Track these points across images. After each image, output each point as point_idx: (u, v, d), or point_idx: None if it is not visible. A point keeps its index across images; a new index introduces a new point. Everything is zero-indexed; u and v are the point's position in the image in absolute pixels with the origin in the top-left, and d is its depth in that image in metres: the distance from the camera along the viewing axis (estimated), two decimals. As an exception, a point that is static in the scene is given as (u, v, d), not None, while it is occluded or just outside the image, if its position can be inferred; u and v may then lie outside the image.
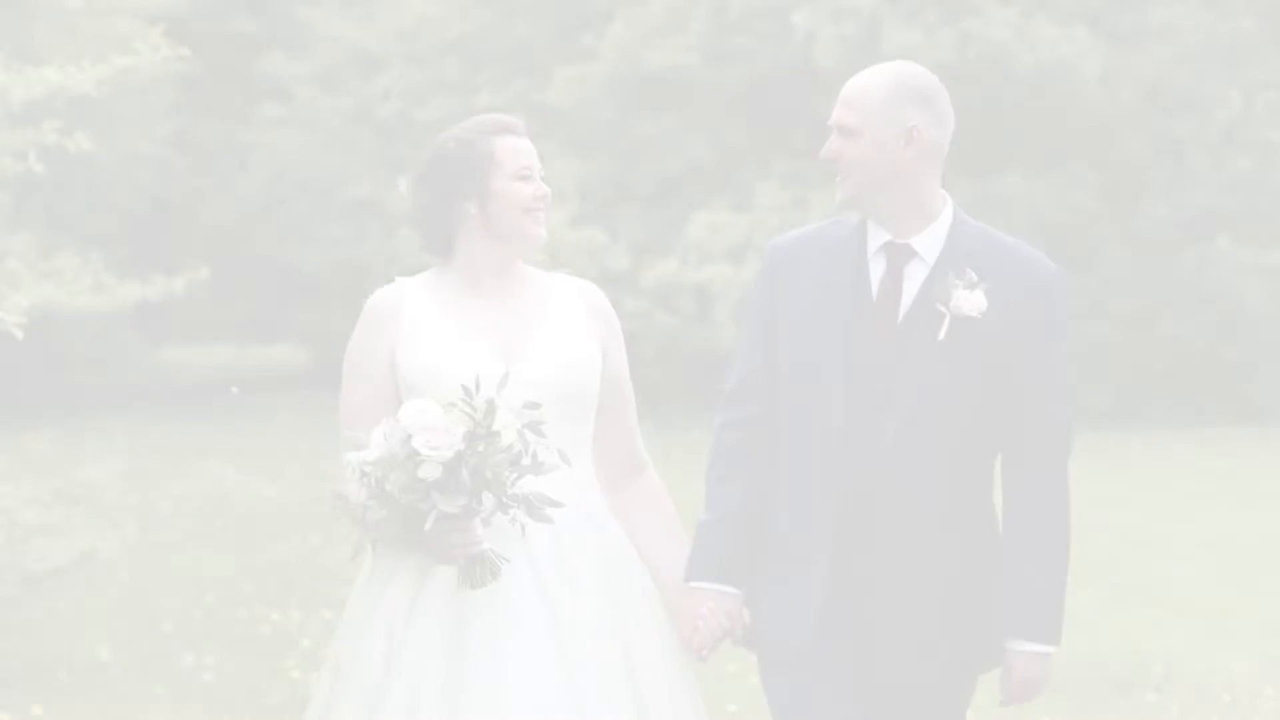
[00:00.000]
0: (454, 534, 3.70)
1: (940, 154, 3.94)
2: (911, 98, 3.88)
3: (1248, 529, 11.76)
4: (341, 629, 3.99)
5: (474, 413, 3.67)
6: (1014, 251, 3.93)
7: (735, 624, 4.00)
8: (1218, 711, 6.95)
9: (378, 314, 4.05)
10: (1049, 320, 3.87)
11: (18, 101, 7.72)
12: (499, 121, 4.12)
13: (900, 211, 3.91)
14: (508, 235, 4.05)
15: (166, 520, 12.87)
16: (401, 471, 3.62)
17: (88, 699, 7.88)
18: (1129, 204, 19.85)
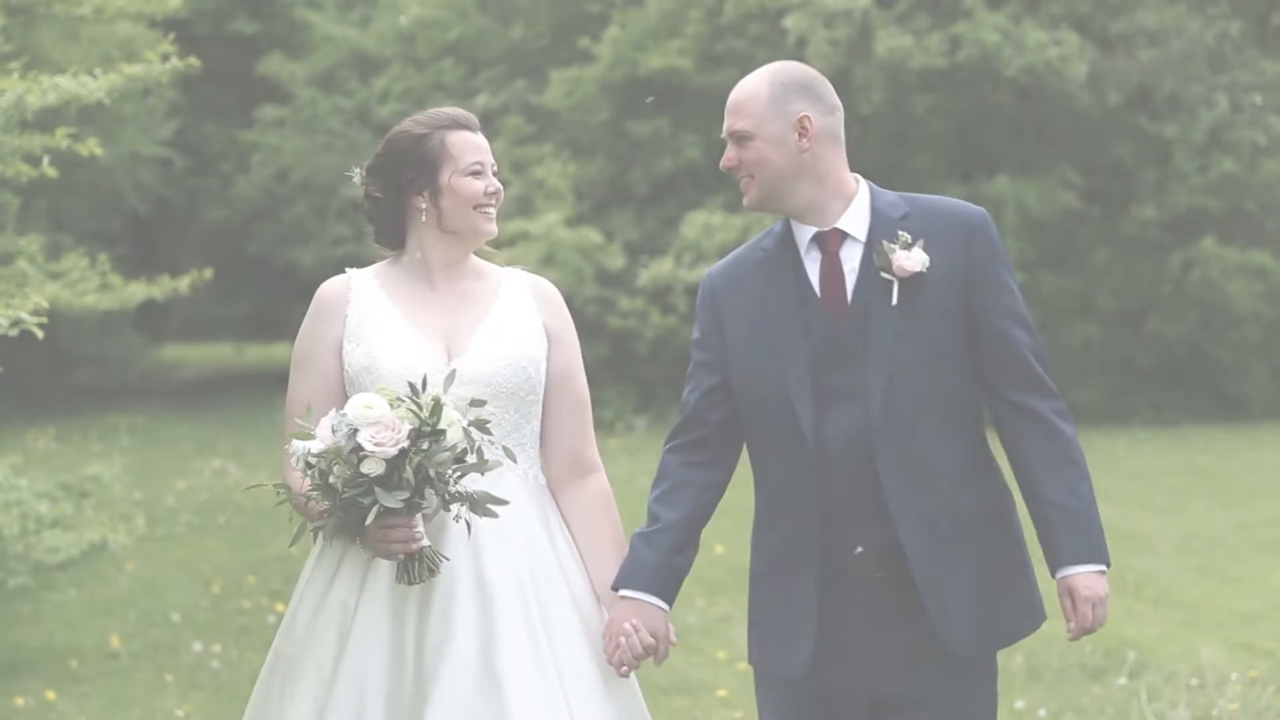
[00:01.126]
0: (395, 529, 3.65)
1: (837, 138, 3.90)
2: (793, 91, 3.87)
3: (1225, 524, 11.87)
4: (289, 621, 3.91)
5: (420, 410, 3.63)
6: (938, 205, 3.93)
7: (661, 643, 3.91)
8: (1185, 696, 7.07)
9: (325, 304, 4.01)
10: (989, 257, 3.84)
11: (32, 108, 7.85)
12: (453, 116, 4.06)
13: (814, 201, 3.88)
14: (458, 230, 3.99)
15: (171, 515, 12.93)
16: (345, 465, 3.58)
17: (99, 685, 7.92)
18: (1116, 205, 19.98)
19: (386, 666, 3.75)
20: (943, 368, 3.81)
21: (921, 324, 3.80)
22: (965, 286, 3.82)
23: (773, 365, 3.87)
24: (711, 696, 7.48)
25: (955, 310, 3.81)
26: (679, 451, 3.98)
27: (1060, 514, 3.75)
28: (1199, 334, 19.74)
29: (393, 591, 3.79)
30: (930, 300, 3.80)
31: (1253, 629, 8.53)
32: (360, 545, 3.73)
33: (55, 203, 20.35)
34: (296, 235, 23.81)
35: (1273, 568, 10.16)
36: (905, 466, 3.78)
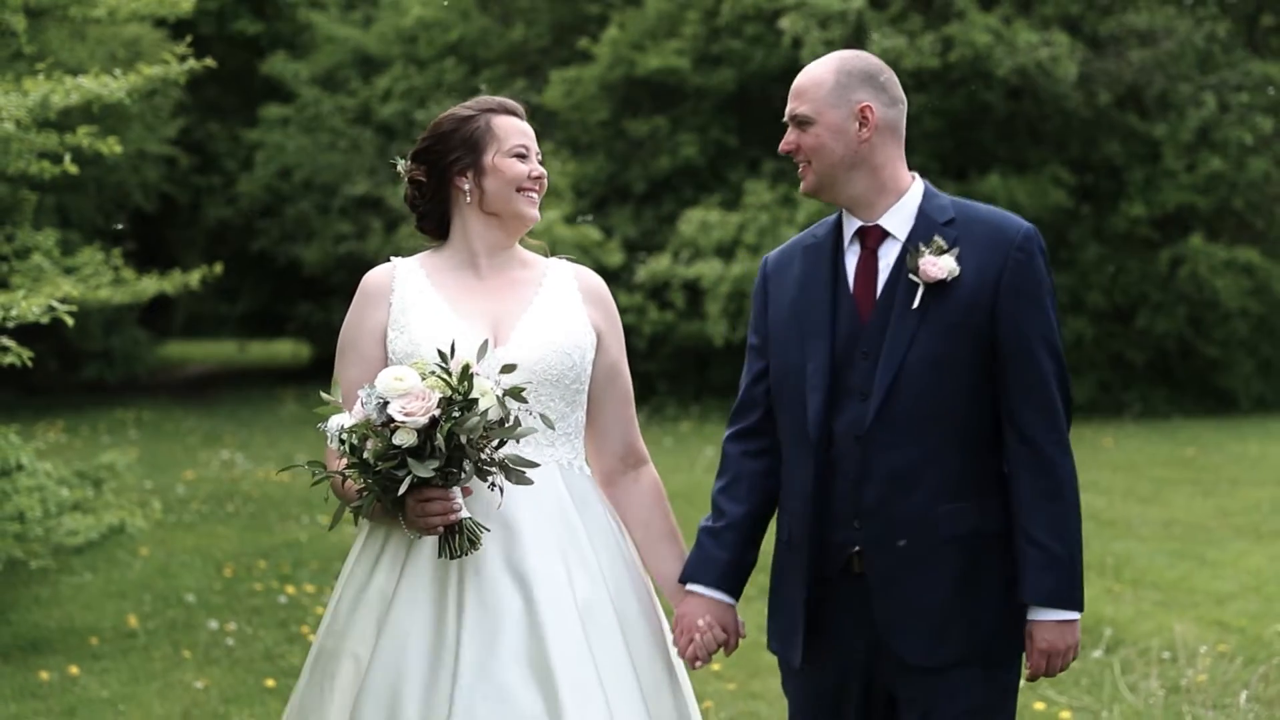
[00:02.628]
0: (433, 502, 3.59)
1: (897, 132, 3.85)
2: (860, 80, 3.82)
3: (1205, 511, 12.12)
4: (330, 617, 3.87)
5: (449, 378, 3.58)
6: (986, 215, 3.83)
7: (731, 637, 3.94)
8: (1157, 669, 7.38)
9: (370, 293, 3.96)
10: (1026, 278, 3.74)
11: (56, 108, 8.12)
12: (499, 102, 4.03)
13: (865, 194, 3.84)
14: (500, 212, 3.93)
15: (181, 503, 13.14)
16: (378, 438, 3.54)
17: (119, 662, 8.12)
18: (1106, 203, 20.18)
19: (425, 653, 3.68)
20: (948, 379, 3.73)
21: (937, 332, 3.73)
22: (993, 304, 3.73)
23: (799, 354, 3.86)
24: (706, 670, 7.76)
25: (975, 325, 3.72)
26: (737, 440, 3.99)
27: (1038, 552, 3.68)
28: (1187, 329, 19.92)
29: (432, 579, 3.73)
30: (951, 310, 3.73)
31: (1225, 608, 8.80)
32: (405, 525, 3.66)
33: (62, 200, 20.58)
34: (300, 233, 24.04)
35: (1248, 551, 10.43)
36: (890, 472, 3.73)
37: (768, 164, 20.27)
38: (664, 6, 20.69)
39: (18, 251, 9.96)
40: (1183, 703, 6.92)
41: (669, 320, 19.56)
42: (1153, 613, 8.71)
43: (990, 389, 3.76)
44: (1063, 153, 20.12)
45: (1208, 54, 20.02)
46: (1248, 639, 8.04)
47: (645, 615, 3.91)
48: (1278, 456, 15.28)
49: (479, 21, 22.76)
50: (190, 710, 7.30)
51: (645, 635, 3.88)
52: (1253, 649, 7.80)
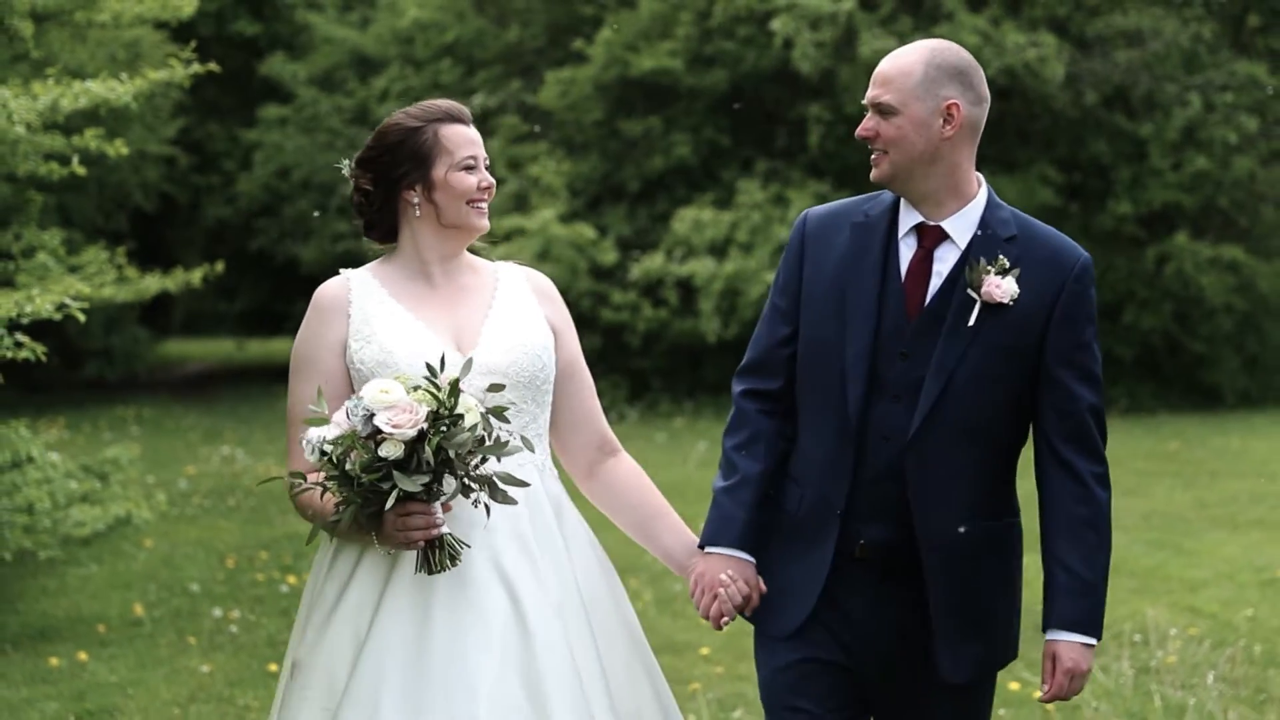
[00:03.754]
0: (414, 516, 3.55)
1: (976, 132, 3.77)
2: (948, 74, 3.72)
3: (1184, 503, 12.37)
4: (301, 628, 3.84)
5: (438, 393, 3.53)
6: (1047, 238, 3.77)
7: (754, 592, 3.89)
8: (1129, 651, 7.67)
9: (327, 306, 3.89)
10: (1079, 310, 3.72)
11: (64, 112, 8.36)
12: (445, 109, 3.94)
13: (935, 192, 3.76)
14: (453, 224, 3.89)
15: (183, 498, 13.35)
16: (362, 450, 3.49)
17: (126, 648, 8.33)
18: (1094, 201, 20.37)
19: (406, 668, 3.63)
20: (994, 399, 3.71)
21: (988, 352, 3.70)
22: (1044, 331, 3.71)
23: (837, 333, 3.80)
24: (695, 654, 8.00)
25: (1025, 350, 3.71)
26: (755, 398, 3.92)
27: (1070, 579, 3.70)
28: (1174, 326, 20.10)
29: (415, 593, 3.68)
30: (1005, 332, 3.70)
31: (1197, 594, 9.07)
32: (376, 541, 3.62)
33: (64, 200, 20.75)
34: (298, 232, 24.22)
35: (1224, 541, 10.69)
36: (929, 482, 3.73)
37: (760, 163, 20.42)
38: (657, 8, 20.83)
39: (24, 251, 10.19)
40: (1151, 682, 7.19)
41: (662, 318, 19.71)
42: (1127, 599, 8.94)
43: (1025, 411, 3.76)
44: (1051, 152, 20.30)
45: (1193, 54, 20.19)
46: (1218, 623, 8.31)
47: (621, 616, 3.93)
48: (1259, 450, 15.53)
49: (475, 23, 22.92)
50: (196, 693, 7.52)
51: (621, 636, 3.90)
52: (1222, 633, 8.07)
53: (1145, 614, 8.44)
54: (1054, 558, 3.73)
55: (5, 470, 8.68)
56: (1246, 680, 7.17)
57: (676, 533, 4.03)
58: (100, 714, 7.24)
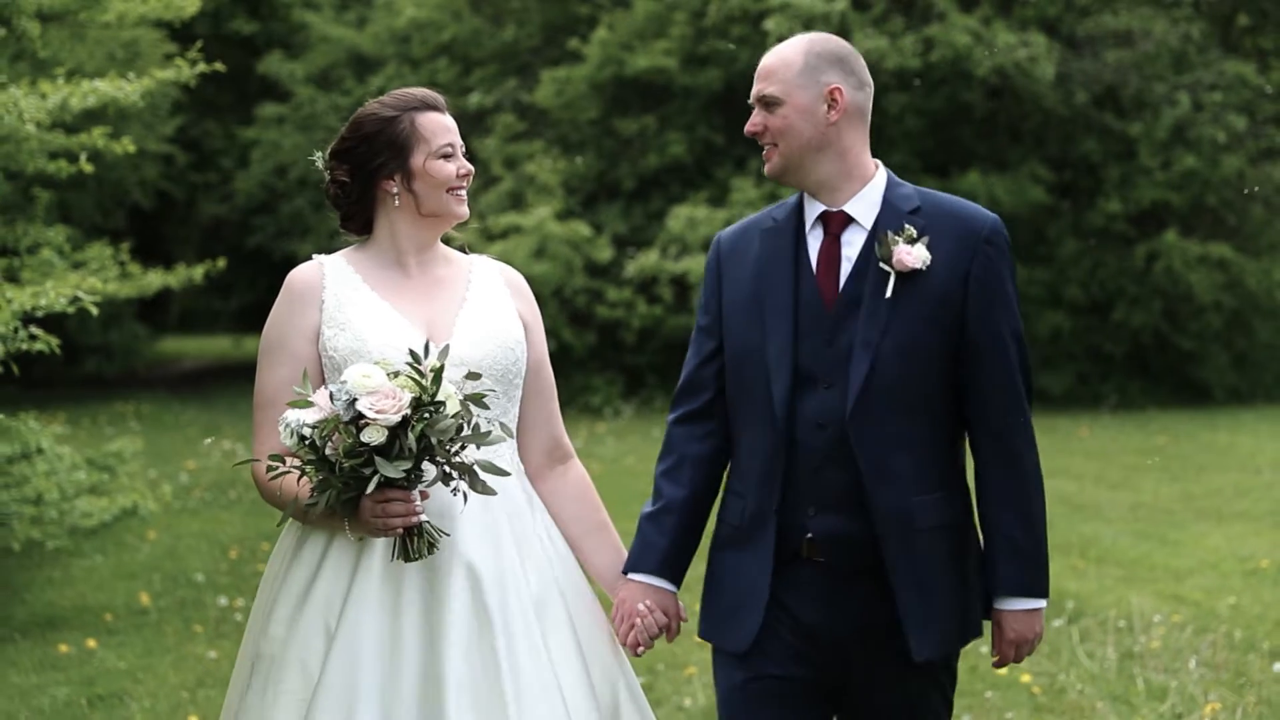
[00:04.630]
0: (394, 503, 3.49)
1: (864, 116, 3.77)
2: (828, 61, 3.74)
3: (1171, 495, 12.52)
4: (264, 621, 3.75)
5: (421, 379, 3.49)
6: (952, 206, 3.77)
7: (673, 621, 3.90)
8: (1114, 637, 7.85)
9: (300, 291, 3.83)
10: (995, 270, 3.71)
11: (74, 111, 8.52)
12: (421, 97, 3.91)
13: (830, 178, 3.76)
14: (432, 213, 3.85)
15: (185, 491, 13.49)
16: (344, 434, 3.44)
17: (134, 636, 8.48)
18: (1084, 199, 20.48)
19: (380, 657, 3.61)
20: (922, 370, 3.69)
21: (910, 322, 3.68)
22: (963, 297, 3.70)
23: (758, 334, 3.78)
24: (689, 640, 8.02)
25: (946, 315, 3.69)
26: (683, 422, 3.92)
27: (1008, 545, 3.70)
28: (1163, 323, 20.21)
29: (385, 582, 3.64)
30: (924, 302, 3.69)
31: (1182, 583, 9.23)
32: (349, 528, 3.56)
33: (64, 197, 20.85)
34: (294, 229, 24.30)
35: (1209, 532, 10.86)
36: (866, 463, 3.68)
37: (754, 161, 20.43)
38: (652, 8, 20.93)
39: (29, 247, 10.33)
40: (1135, 666, 7.37)
41: (657, 314, 19.79)
42: (1113, 587, 9.12)
43: (956, 381, 3.73)
44: (1041, 151, 20.42)
45: (1182, 54, 20.32)
46: (1201, 611, 8.48)
47: (591, 608, 3.89)
48: (1246, 445, 15.68)
49: (471, 22, 23.00)
50: (204, 679, 7.65)
51: (594, 627, 3.87)
52: (1205, 620, 8.25)
53: (1130, 601, 8.62)
54: (989, 523, 3.74)
55: (14, 461, 8.82)
56: (1227, 665, 7.35)
57: (610, 551, 3.99)
58: (110, 699, 7.37)
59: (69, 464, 9.35)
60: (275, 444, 3.68)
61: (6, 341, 7.09)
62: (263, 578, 3.91)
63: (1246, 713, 6.60)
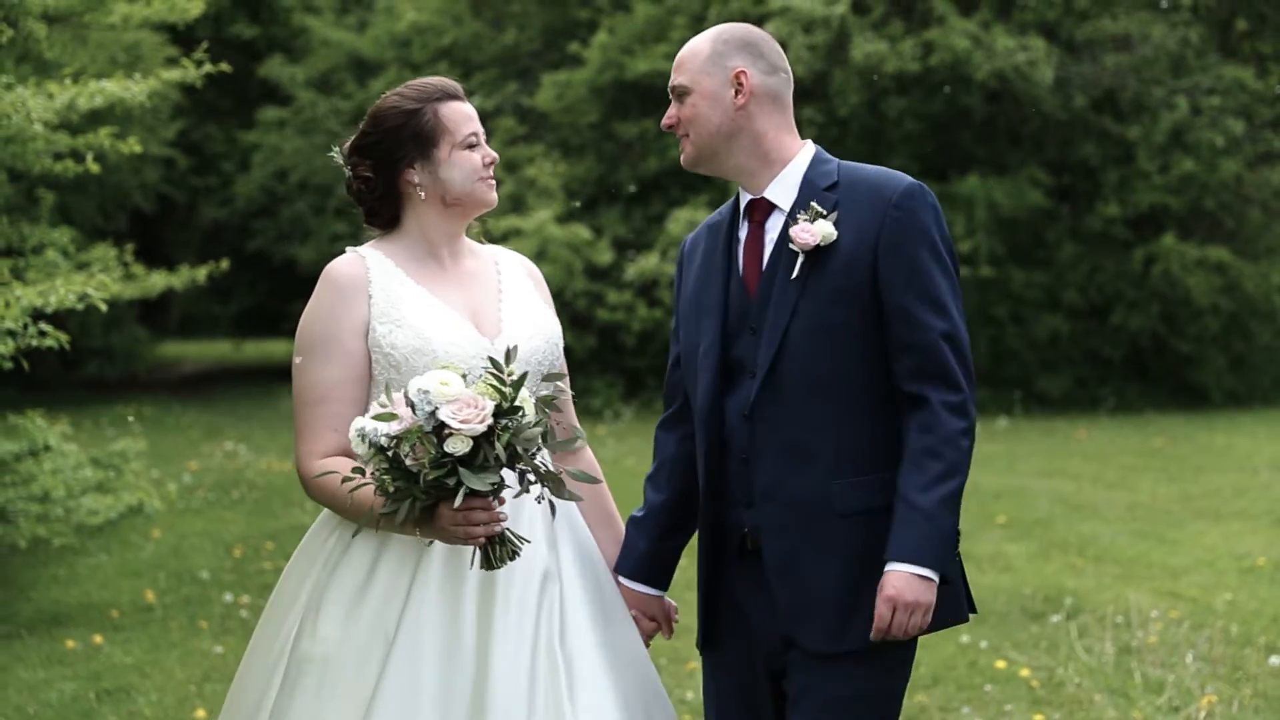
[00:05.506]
0: (477, 512, 3.40)
1: (778, 100, 3.70)
2: (735, 47, 3.68)
3: (1168, 496, 12.58)
4: (310, 622, 3.64)
5: (502, 386, 3.38)
6: (869, 176, 3.65)
7: (661, 624, 3.88)
8: (1111, 632, 7.91)
9: (345, 285, 3.69)
10: (905, 235, 3.56)
11: (81, 110, 8.59)
12: (440, 86, 3.81)
13: (746, 165, 3.71)
14: (461, 203, 3.77)
15: (188, 491, 13.54)
16: (427, 445, 3.34)
17: (140, 632, 8.51)
18: (1082, 203, 20.59)
19: (440, 658, 3.54)
20: (837, 349, 3.57)
21: (819, 300, 3.58)
22: (873, 266, 3.57)
23: (696, 333, 3.76)
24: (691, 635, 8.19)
25: (858, 289, 3.57)
26: (664, 426, 3.91)
27: (905, 509, 3.50)
28: (1161, 326, 20.29)
29: (445, 582, 3.58)
30: (831, 276, 3.58)
31: (1179, 580, 9.29)
32: (422, 534, 3.48)
33: (66, 200, 20.92)
34: (295, 233, 24.40)
35: (1206, 531, 10.92)
36: (782, 449, 3.58)
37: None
38: (652, 12, 21.04)
39: (34, 248, 10.40)
40: (1132, 661, 7.44)
41: (657, 317, 19.86)
42: (1111, 584, 9.18)
43: (884, 355, 3.59)
44: (1040, 154, 20.50)
45: (1181, 59, 20.41)
46: (1198, 607, 8.54)
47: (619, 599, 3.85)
48: (1243, 446, 15.73)
49: (471, 26, 23.08)
50: (210, 673, 7.69)
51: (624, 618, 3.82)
52: (1202, 615, 8.31)
53: (1128, 598, 8.69)
54: (897, 490, 3.54)
55: (20, 459, 8.89)
56: (1224, 659, 7.41)
57: (611, 545, 3.94)
58: (118, 693, 7.40)
59: (75, 462, 9.42)
60: (326, 444, 3.64)
61: (16, 338, 7.16)
62: (287, 577, 3.80)
63: (1243, 705, 6.67)
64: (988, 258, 19.75)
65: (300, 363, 3.71)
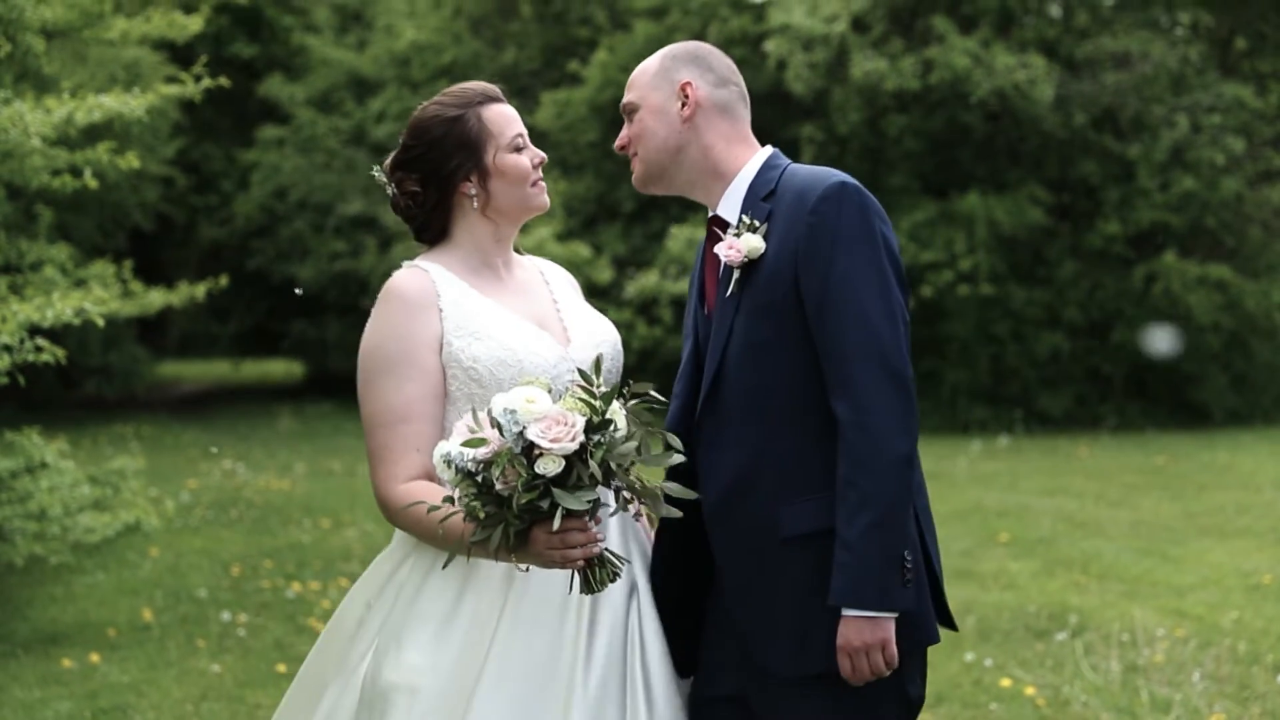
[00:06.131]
0: (574, 534, 3.22)
1: (727, 112, 3.59)
2: (682, 60, 3.60)
3: (1172, 513, 12.52)
4: (394, 648, 3.50)
5: (592, 399, 3.20)
6: (801, 179, 3.48)
7: None
8: (1117, 650, 7.85)
9: (417, 300, 3.56)
10: (823, 239, 3.37)
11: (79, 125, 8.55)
12: (481, 90, 3.70)
13: (697, 180, 3.61)
14: (511, 209, 3.67)
15: (186, 510, 13.49)
16: (518, 467, 3.17)
17: (137, 651, 8.45)
18: (1082, 221, 20.56)
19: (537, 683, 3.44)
20: (767, 367, 3.40)
21: (750, 317, 3.44)
22: (795, 276, 3.40)
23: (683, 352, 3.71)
24: None
25: (783, 303, 3.40)
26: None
27: (838, 547, 3.33)
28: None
29: (538, 603, 3.47)
30: (760, 291, 3.44)
31: (1184, 598, 9.23)
32: (517, 560, 3.30)
33: (65, 219, 20.90)
34: (295, 251, 24.39)
35: (1210, 548, 10.85)
36: (726, 472, 3.47)
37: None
38: (652, 30, 21.05)
39: (32, 264, 10.36)
40: (1139, 679, 7.37)
41: (657, 335, 19.89)
42: (1116, 602, 9.12)
43: (819, 372, 3.41)
44: (1040, 172, 20.49)
45: (1181, 77, 20.41)
46: (1204, 625, 8.48)
47: None
48: (1246, 465, 15.68)
49: (471, 45, 23.11)
50: (207, 692, 7.64)
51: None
52: (1208, 634, 8.25)
53: (1133, 616, 8.62)
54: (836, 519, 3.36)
55: (17, 476, 8.83)
56: (1231, 678, 7.35)
57: None
58: (114, 712, 7.36)
59: (71, 480, 9.37)
60: (410, 466, 3.50)
61: (12, 353, 7.10)
62: (352, 604, 3.66)
63: (1251, 724, 6.62)
64: (988, 276, 19.72)
65: (372, 385, 3.55)
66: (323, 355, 25.65)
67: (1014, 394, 20.18)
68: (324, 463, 17.00)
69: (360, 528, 12.44)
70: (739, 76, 3.67)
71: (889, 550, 3.31)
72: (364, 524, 12.59)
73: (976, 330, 20.03)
